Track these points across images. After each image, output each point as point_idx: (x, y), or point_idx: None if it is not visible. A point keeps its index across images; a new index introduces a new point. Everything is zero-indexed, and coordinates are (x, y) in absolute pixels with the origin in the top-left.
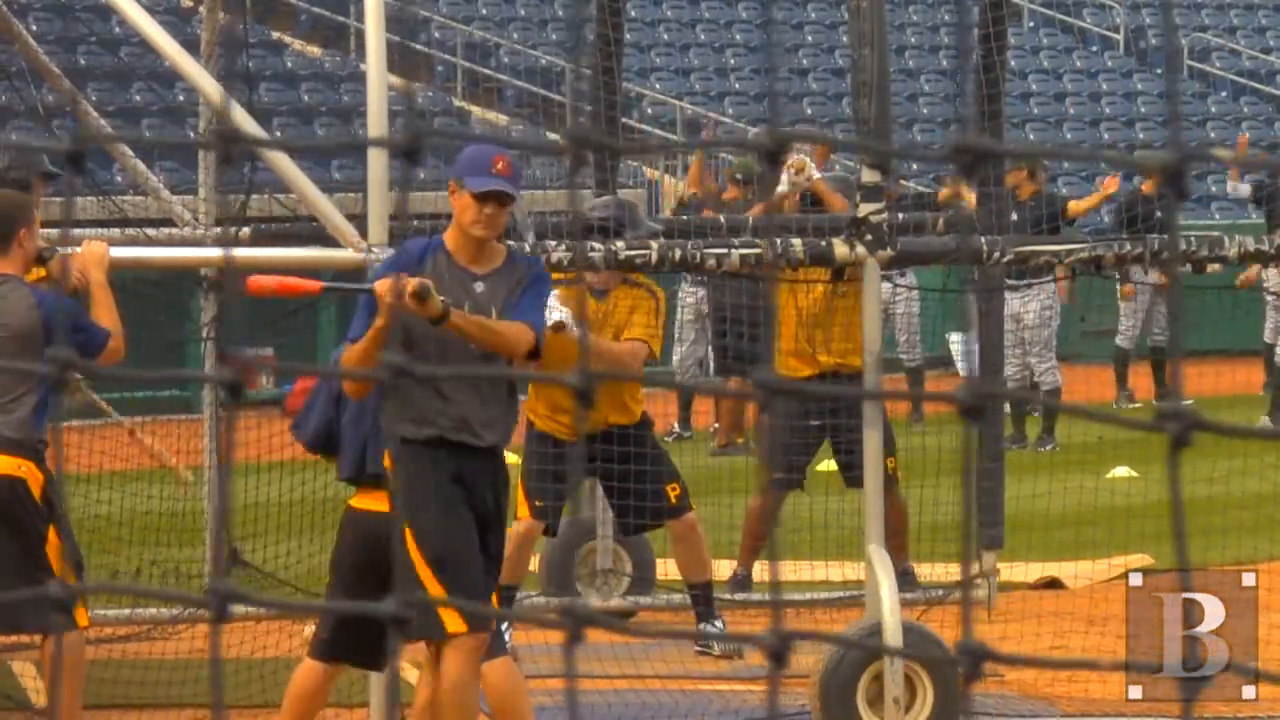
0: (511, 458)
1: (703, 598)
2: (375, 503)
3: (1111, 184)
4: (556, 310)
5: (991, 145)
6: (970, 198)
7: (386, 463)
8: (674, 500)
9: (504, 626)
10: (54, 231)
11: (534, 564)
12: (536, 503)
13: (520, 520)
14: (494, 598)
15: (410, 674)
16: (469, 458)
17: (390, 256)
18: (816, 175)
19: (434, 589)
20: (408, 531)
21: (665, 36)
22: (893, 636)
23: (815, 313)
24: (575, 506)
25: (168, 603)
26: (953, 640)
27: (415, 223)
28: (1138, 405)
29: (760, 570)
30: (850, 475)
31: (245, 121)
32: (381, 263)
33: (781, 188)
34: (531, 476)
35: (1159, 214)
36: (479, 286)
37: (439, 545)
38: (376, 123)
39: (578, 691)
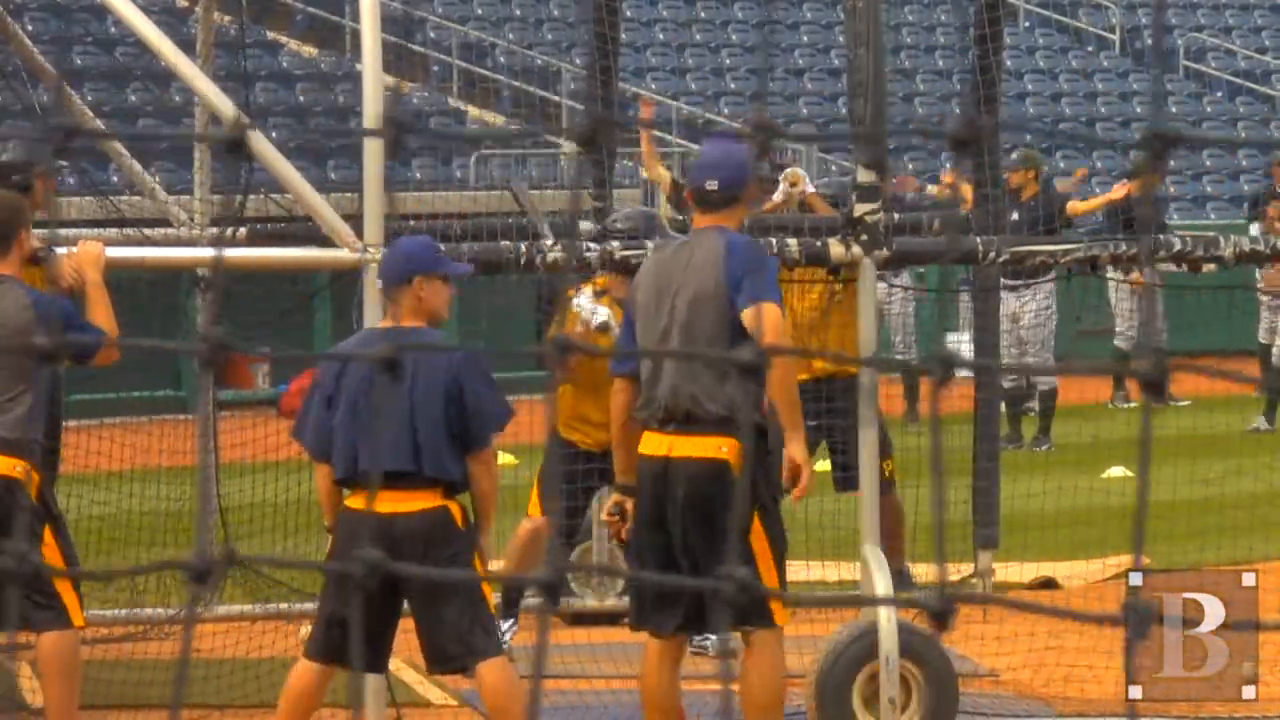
0: (507, 458)
1: None
2: (369, 504)
3: (1119, 190)
4: (599, 312)
5: (994, 125)
6: (967, 189)
7: (732, 456)
8: None
9: (505, 627)
10: (47, 231)
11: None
12: (551, 504)
13: (530, 518)
14: (489, 595)
15: (408, 674)
16: None
17: None
18: (810, 189)
19: (770, 581)
20: (757, 519)
21: (661, 36)
22: (888, 637)
23: (811, 318)
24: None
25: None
26: (949, 639)
27: (411, 222)
28: (1133, 405)
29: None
30: (845, 477)
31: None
32: None
33: (776, 197)
34: (548, 480)
35: (1153, 215)
36: None
37: (782, 545)
38: (373, 123)
39: (577, 691)
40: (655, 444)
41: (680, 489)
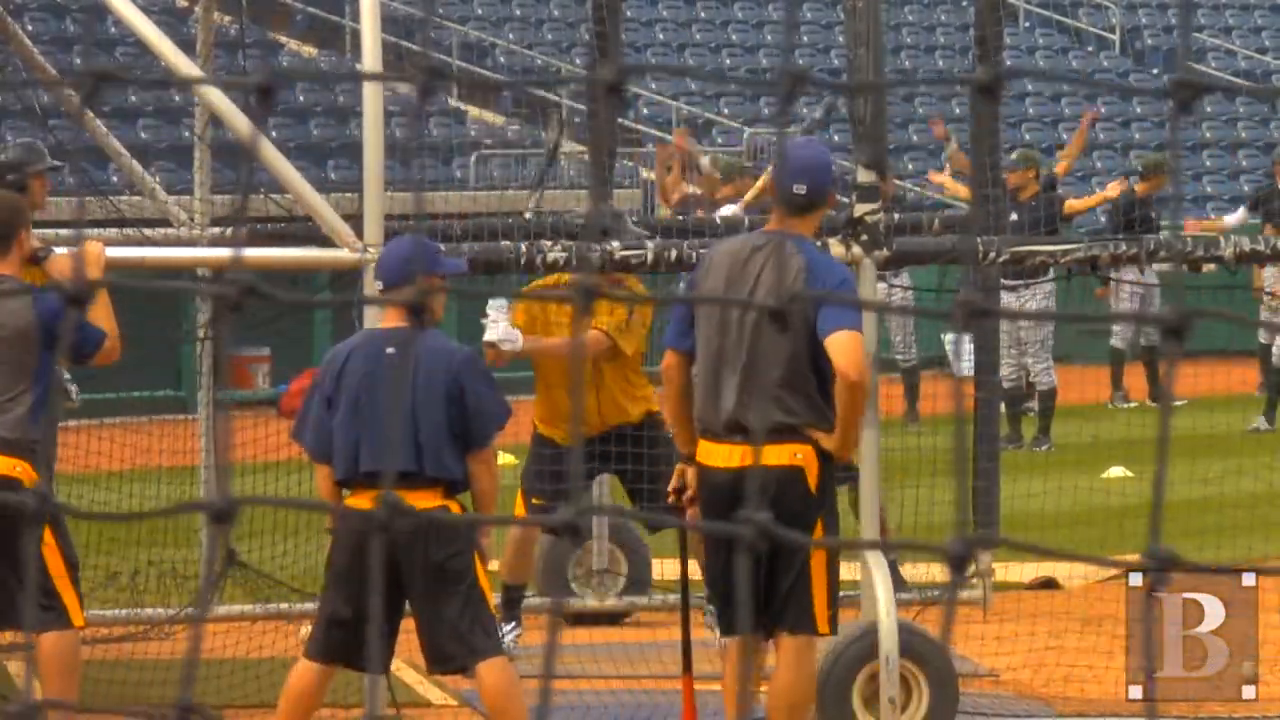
0: (507, 458)
1: None
2: (369, 503)
3: (1114, 188)
4: (497, 324)
5: (1009, 70)
6: (958, 153)
7: (807, 461)
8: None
9: (507, 630)
10: (50, 231)
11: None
12: (533, 501)
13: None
14: (489, 595)
15: (408, 674)
16: None
17: None
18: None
19: (821, 587)
20: (820, 523)
21: (661, 36)
22: (888, 637)
23: None
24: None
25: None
26: (950, 641)
27: (411, 222)
28: (1133, 405)
29: None
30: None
31: (240, 121)
32: None
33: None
34: (530, 477)
35: (1154, 215)
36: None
37: (837, 554)
38: (372, 122)
39: (577, 691)
40: (723, 455)
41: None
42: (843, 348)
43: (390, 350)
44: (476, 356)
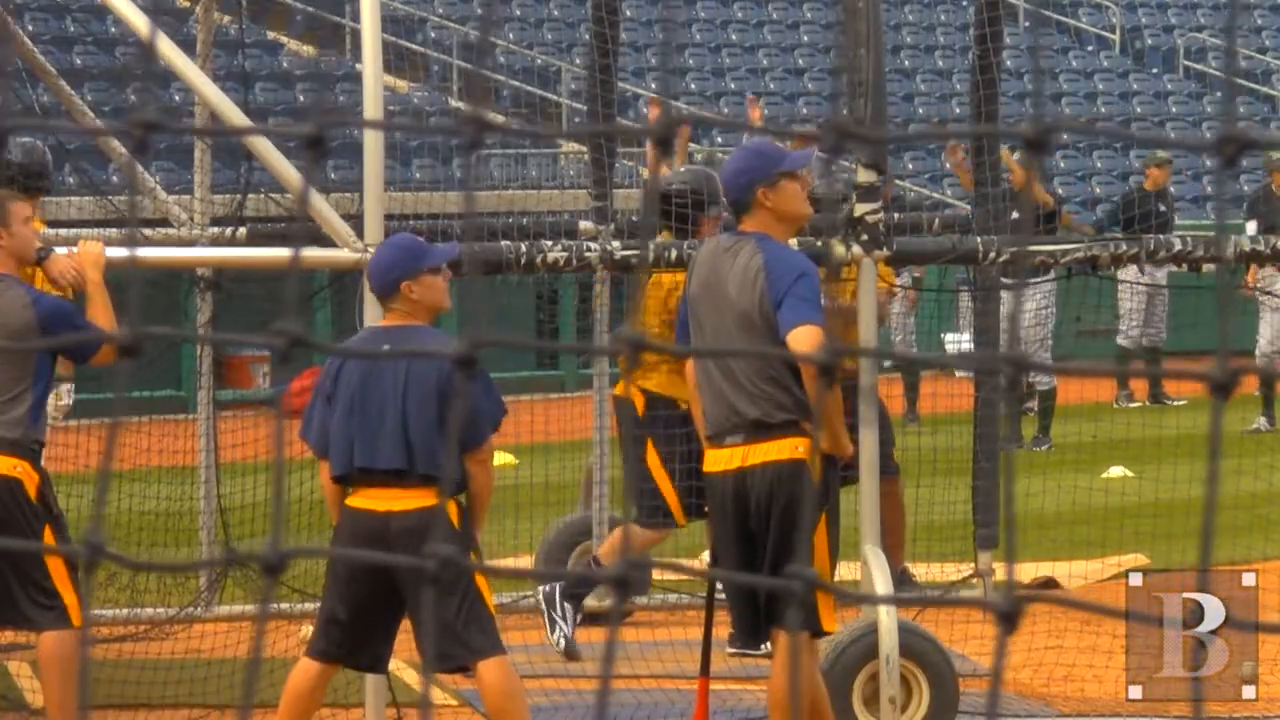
0: (507, 458)
1: None
2: (368, 501)
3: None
4: None
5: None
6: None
7: (808, 454)
8: None
9: (569, 610)
10: (50, 231)
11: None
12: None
13: (662, 529)
14: (487, 594)
15: (407, 675)
16: None
17: None
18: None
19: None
20: (825, 520)
21: (661, 36)
22: (888, 637)
23: None
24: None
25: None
26: (949, 640)
27: (412, 222)
28: (1137, 405)
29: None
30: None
31: (240, 121)
32: None
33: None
34: (662, 441)
35: (1164, 210)
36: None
37: (837, 550)
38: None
39: (578, 691)
40: (726, 459)
41: (762, 493)
42: (801, 343)
43: (386, 348)
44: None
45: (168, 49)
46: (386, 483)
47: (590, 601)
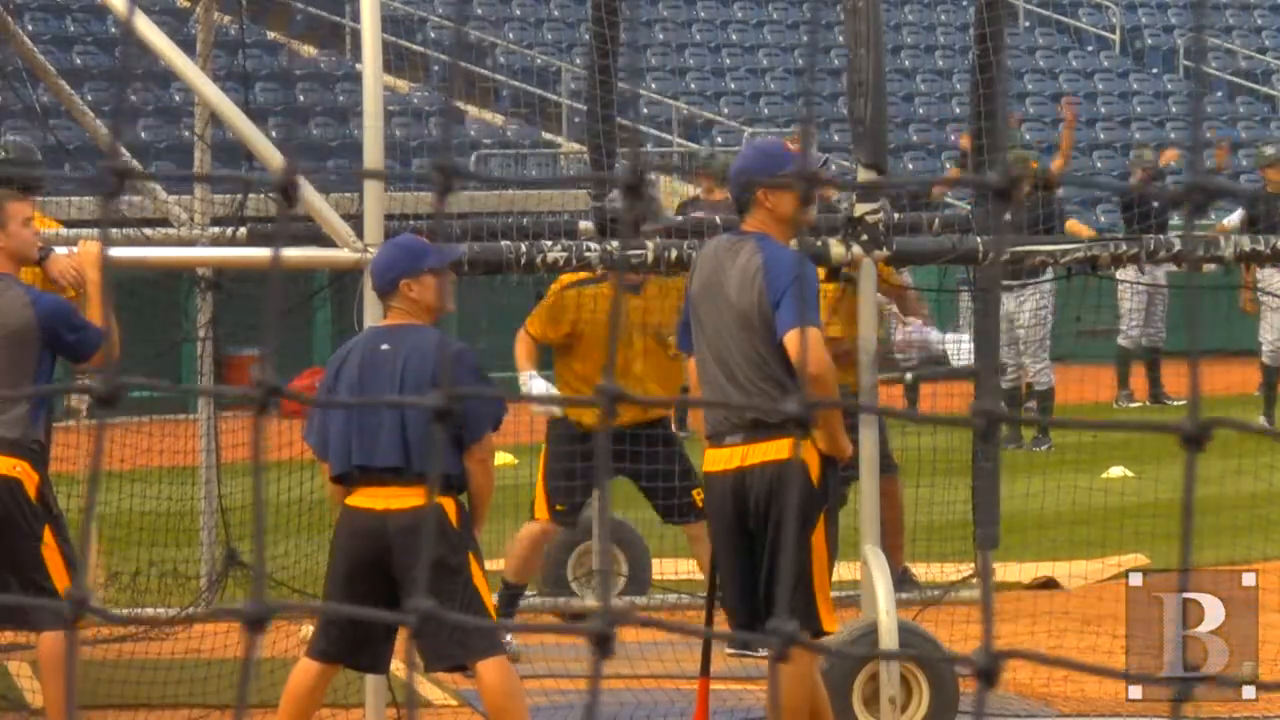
0: (506, 457)
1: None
2: (366, 499)
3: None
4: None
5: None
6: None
7: (807, 453)
8: (699, 504)
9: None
10: (51, 231)
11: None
12: (558, 508)
13: (535, 520)
14: (486, 594)
15: (406, 674)
16: None
17: None
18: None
19: (821, 585)
20: (823, 520)
21: (660, 36)
22: (888, 636)
23: None
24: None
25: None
26: (949, 640)
27: (412, 222)
28: (1137, 405)
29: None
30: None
31: (240, 120)
32: None
33: None
34: (557, 476)
35: (1166, 210)
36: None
37: (835, 551)
38: (372, 123)
39: (578, 691)
40: (724, 458)
41: (760, 492)
42: (796, 344)
43: (385, 346)
44: (465, 353)
45: (168, 49)
46: (384, 481)
47: (591, 602)
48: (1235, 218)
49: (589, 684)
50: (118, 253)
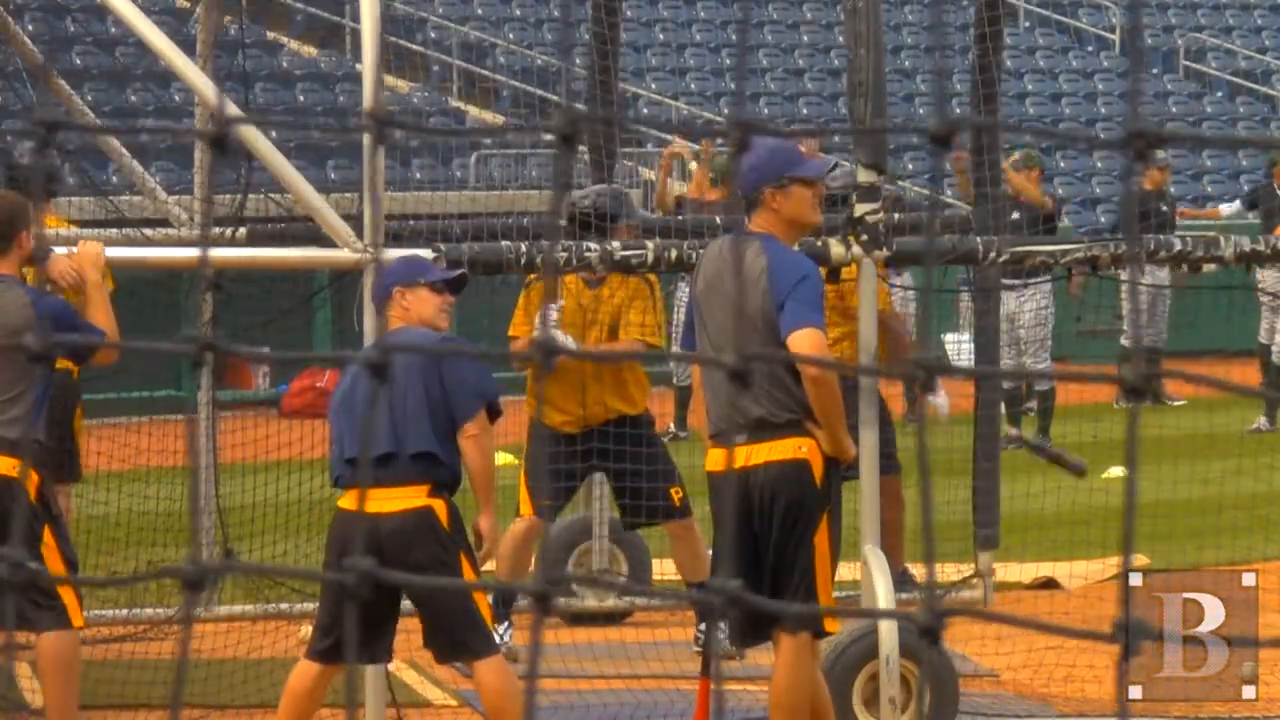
0: (507, 457)
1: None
2: (358, 502)
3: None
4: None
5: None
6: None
7: (811, 455)
8: (677, 503)
9: (501, 630)
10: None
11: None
12: (542, 502)
13: (522, 517)
14: (483, 594)
15: (408, 674)
16: None
17: None
18: None
19: (825, 585)
20: (825, 521)
21: (661, 36)
22: (888, 637)
23: None
24: (577, 502)
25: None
26: (949, 640)
27: (411, 223)
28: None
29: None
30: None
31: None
32: None
33: None
34: (536, 475)
35: (1165, 209)
36: None
37: (839, 552)
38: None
39: (578, 691)
40: (728, 458)
41: (766, 492)
42: (800, 346)
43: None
44: (453, 337)
45: (168, 49)
46: (377, 480)
47: (591, 603)
48: (1229, 207)
49: (530, 638)
50: (118, 253)
